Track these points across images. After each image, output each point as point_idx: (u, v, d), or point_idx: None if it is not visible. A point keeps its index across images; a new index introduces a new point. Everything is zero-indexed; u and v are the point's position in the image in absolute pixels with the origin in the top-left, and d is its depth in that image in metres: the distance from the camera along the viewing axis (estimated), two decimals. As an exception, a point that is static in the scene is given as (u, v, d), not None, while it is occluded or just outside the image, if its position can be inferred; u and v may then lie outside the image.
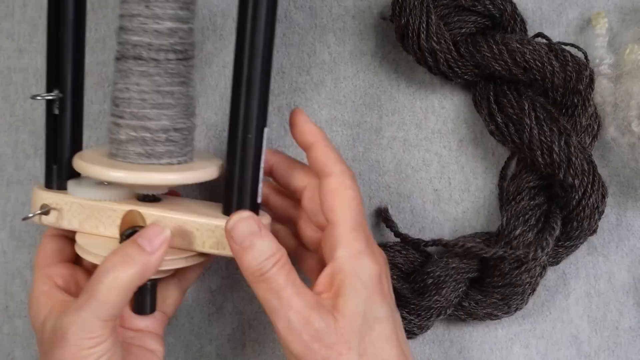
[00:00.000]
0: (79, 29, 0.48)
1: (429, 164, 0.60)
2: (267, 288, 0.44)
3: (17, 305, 0.59)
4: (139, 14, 0.45)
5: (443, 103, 0.61)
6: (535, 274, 0.55)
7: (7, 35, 0.60)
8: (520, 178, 0.57)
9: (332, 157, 0.48)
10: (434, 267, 0.55)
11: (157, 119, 0.46)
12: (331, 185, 0.47)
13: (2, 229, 0.59)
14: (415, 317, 0.55)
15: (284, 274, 0.44)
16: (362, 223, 0.47)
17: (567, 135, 0.54)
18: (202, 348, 0.59)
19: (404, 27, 0.56)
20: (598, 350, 0.59)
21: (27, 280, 0.59)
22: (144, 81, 0.46)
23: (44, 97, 0.48)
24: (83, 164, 0.47)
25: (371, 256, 0.46)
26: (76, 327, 0.43)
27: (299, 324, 0.43)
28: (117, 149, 0.48)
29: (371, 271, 0.45)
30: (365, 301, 0.44)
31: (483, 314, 0.56)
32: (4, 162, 0.60)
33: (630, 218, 0.60)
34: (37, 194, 0.49)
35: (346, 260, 0.45)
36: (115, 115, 0.47)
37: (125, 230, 0.47)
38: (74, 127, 0.50)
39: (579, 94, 0.55)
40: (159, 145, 0.47)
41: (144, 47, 0.45)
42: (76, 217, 0.48)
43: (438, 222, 0.60)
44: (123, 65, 0.46)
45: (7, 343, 0.58)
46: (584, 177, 0.54)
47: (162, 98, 0.46)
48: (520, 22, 0.58)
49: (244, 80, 0.46)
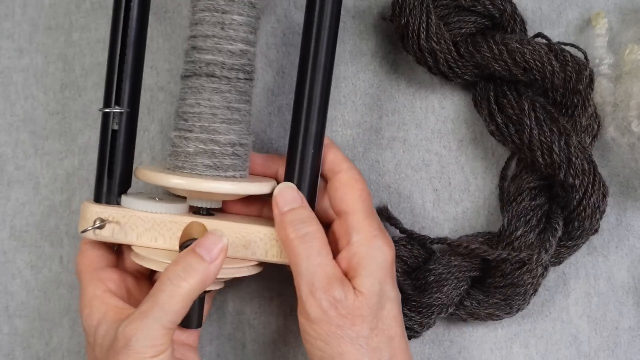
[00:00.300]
0: (140, 48, 0.51)
1: (428, 164, 0.60)
2: (299, 251, 0.48)
3: (17, 305, 0.59)
4: (213, 35, 0.49)
5: (443, 103, 0.61)
6: (537, 274, 0.55)
7: (7, 35, 0.60)
8: (521, 179, 0.57)
9: (340, 157, 0.52)
10: (436, 264, 0.55)
11: (226, 133, 0.49)
12: (342, 179, 0.50)
13: (2, 229, 0.59)
14: (416, 314, 0.55)
15: (319, 242, 0.48)
16: (373, 212, 0.50)
17: (567, 136, 0.54)
18: (202, 348, 0.59)
19: (403, 28, 0.56)
20: (598, 350, 0.59)
21: (27, 280, 0.59)
22: (216, 97, 0.49)
23: (112, 111, 0.50)
24: (155, 174, 0.49)
25: (385, 239, 0.49)
26: (140, 335, 0.44)
27: (321, 290, 0.47)
28: (183, 162, 0.50)
29: (385, 253, 0.49)
30: (380, 281, 0.48)
31: (485, 314, 0.56)
32: (4, 162, 0.60)
33: (630, 218, 0.60)
34: (89, 208, 0.50)
35: (362, 244, 0.48)
36: (183, 129, 0.50)
37: (185, 242, 0.48)
38: (129, 142, 0.52)
39: (578, 94, 0.55)
40: (226, 158, 0.50)
41: (218, 66, 0.49)
42: (134, 231, 0.50)
43: (438, 222, 0.60)
44: (194, 82, 0.50)
45: (7, 343, 0.58)
46: (584, 177, 0.54)
47: (231, 114, 0.50)
48: (520, 22, 0.58)
49: (304, 103, 0.50)
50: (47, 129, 0.60)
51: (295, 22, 0.61)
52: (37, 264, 0.59)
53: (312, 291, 0.47)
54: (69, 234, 0.59)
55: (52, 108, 0.60)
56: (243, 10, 0.49)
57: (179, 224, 0.50)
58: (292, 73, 0.60)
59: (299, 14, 0.61)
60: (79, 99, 0.60)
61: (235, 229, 0.50)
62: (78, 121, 0.60)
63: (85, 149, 0.60)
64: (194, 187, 0.48)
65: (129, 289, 0.51)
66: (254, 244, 0.50)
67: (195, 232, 0.49)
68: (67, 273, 0.59)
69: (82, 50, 0.61)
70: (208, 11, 0.49)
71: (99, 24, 0.61)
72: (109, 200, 0.51)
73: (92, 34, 0.61)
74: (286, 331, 0.59)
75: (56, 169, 0.60)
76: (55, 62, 0.60)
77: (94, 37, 0.60)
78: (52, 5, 0.61)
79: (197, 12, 0.50)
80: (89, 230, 0.49)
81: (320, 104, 0.51)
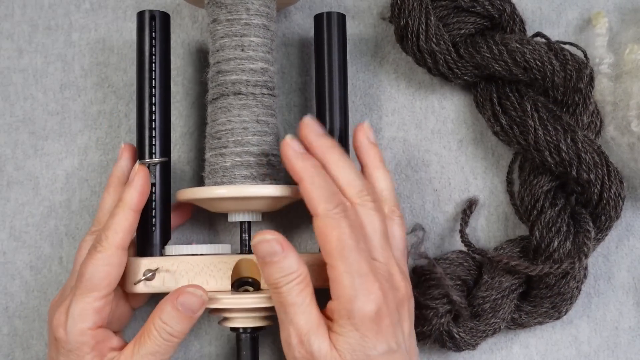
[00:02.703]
0: (166, 108, 0.54)
1: (428, 164, 0.60)
2: (279, 301, 0.47)
3: (16, 306, 0.59)
4: (235, 57, 0.53)
5: (443, 103, 0.61)
6: (581, 277, 0.55)
7: (7, 35, 0.60)
8: (531, 184, 0.56)
9: (315, 194, 0.47)
10: (489, 290, 0.55)
11: (259, 144, 0.52)
12: (316, 227, 0.47)
13: (2, 229, 0.59)
14: (470, 337, 0.55)
15: (297, 291, 0.46)
16: (353, 263, 0.46)
17: (572, 132, 0.54)
18: (202, 348, 0.59)
19: (403, 29, 0.56)
20: (598, 350, 0.59)
21: (26, 280, 0.59)
22: (245, 112, 0.52)
23: (152, 163, 0.53)
24: (198, 190, 0.52)
25: (364, 298, 0.46)
26: None
27: (295, 340, 0.46)
28: (222, 177, 0.52)
29: (362, 314, 0.46)
30: (356, 341, 0.46)
31: (534, 323, 0.56)
32: (4, 162, 0.60)
33: (630, 218, 0.60)
34: (136, 262, 0.51)
35: (340, 302, 0.46)
36: (217, 147, 0.53)
37: (235, 280, 0.50)
38: (166, 192, 0.54)
39: (579, 92, 0.55)
40: (262, 168, 0.52)
41: (243, 84, 0.53)
42: (184, 277, 0.51)
43: (438, 222, 0.60)
44: (223, 103, 0.53)
45: (7, 343, 0.58)
46: (597, 170, 0.53)
47: (260, 127, 0.53)
48: (519, 23, 0.58)
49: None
50: (47, 130, 0.60)
51: (294, 22, 0.61)
52: (36, 264, 0.59)
53: (288, 342, 0.46)
54: (69, 234, 0.59)
55: (51, 108, 0.60)
56: (259, 33, 0.53)
57: (228, 263, 0.51)
58: (292, 73, 0.60)
59: (299, 14, 0.61)
60: (79, 99, 0.60)
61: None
62: (78, 121, 0.60)
63: (85, 149, 0.60)
64: (237, 193, 0.51)
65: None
66: (321, 269, 0.50)
67: (245, 270, 0.51)
68: (67, 273, 0.59)
69: (82, 50, 0.60)
70: (228, 37, 0.53)
71: (98, 24, 0.61)
72: (152, 252, 0.53)
73: (92, 34, 0.61)
74: (286, 331, 0.59)
75: (56, 169, 0.59)
76: (54, 63, 0.60)
77: (94, 37, 0.60)
78: (52, 6, 0.61)
79: (217, 40, 0.54)
80: (139, 283, 0.51)
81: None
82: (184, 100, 0.59)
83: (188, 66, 0.60)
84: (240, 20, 0.53)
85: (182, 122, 0.59)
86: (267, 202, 0.52)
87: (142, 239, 0.53)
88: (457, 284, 0.56)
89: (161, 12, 0.54)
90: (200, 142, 0.60)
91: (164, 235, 0.53)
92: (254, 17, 0.53)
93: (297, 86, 0.61)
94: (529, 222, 0.56)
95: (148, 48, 0.54)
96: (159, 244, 0.53)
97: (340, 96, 0.54)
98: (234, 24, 0.53)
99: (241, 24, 0.53)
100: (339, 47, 0.55)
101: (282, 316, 0.47)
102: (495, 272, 0.55)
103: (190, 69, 0.60)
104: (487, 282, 0.55)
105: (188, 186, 0.59)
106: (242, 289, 0.51)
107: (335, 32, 0.55)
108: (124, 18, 0.61)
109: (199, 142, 0.60)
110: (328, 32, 0.55)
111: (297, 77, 0.61)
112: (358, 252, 0.46)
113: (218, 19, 0.53)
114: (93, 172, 0.59)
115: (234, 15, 0.53)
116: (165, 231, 0.53)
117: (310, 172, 0.48)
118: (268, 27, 0.54)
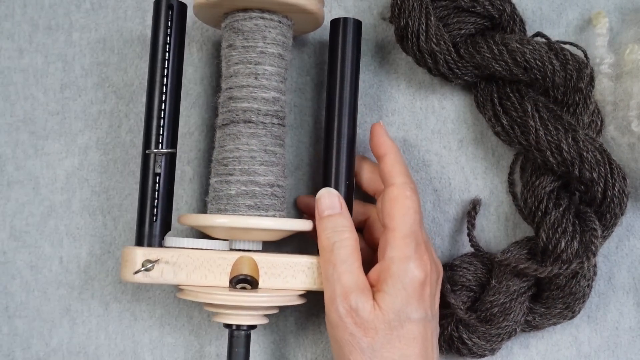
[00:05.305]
0: (177, 99, 0.54)
1: (429, 164, 0.60)
2: (328, 257, 0.50)
3: (17, 306, 0.59)
4: (248, 85, 0.53)
5: (443, 103, 0.61)
6: (591, 275, 0.55)
7: (7, 35, 0.60)
8: (534, 185, 0.56)
9: (397, 169, 0.53)
10: (497, 294, 0.55)
11: (265, 174, 0.52)
12: (392, 193, 0.51)
13: (2, 229, 0.59)
14: (485, 342, 0.55)
15: (347, 251, 0.50)
16: (415, 231, 0.51)
17: (573, 131, 0.54)
18: (202, 348, 0.59)
19: (403, 29, 0.56)
20: (598, 350, 0.59)
21: (26, 280, 0.59)
22: (254, 141, 0.52)
23: (159, 152, 0.53)
24: (199, 216, 0.52)
25: (418, 262, 0.50)
26: None
27: (340, 296, 0.49)
28: (225, 204, 0.52)
29: (413, 276, 0.49)
30: (401, 301, 0.49)
31: (549, 324, 0.56)
32: (4, 162, 0.60)
33: (630, 218, 0.60)
34: (133, 252, 0.51)
35: (393, 262, 0.50)
36: (223, 174, 0.53)
37: (235, 277, 0.51)
38: (170, 184, 0.54)
39: (580, 92, 0.55)
40: (266, 199, 0.52)
41: (254, 112, 0.52)
42: (183, 270, 0.51)
43: (438, 223, 0.60)
44: (232, 130, 0.53)
45: (7, 343, 0.58)
46: (600, 168, 0.53)
47: (268, 156, 0.53)
48: (519, 23, 0.58)
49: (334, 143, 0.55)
50: (47, 129, 0.60)
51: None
52: (37, 264, 0.59)
53: (333, 297, 0.49)
54: (69, 234, 0.59)
55: (52, 108, 0.60)
56: (274, 62, 0.53)
57: (228, 259, 0.51)
58: (291, 73, 0.60)
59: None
60: (79, 99, 0.60)
61: (284, 260, 0.52)
62: (78, 121, 0.60)
63: (85, 149, 0.60)
64: (239, 224, 0.50)
65: None
66: (302, 273, 0.52)
67: (245, 267, 0.51)
68: (67, 273, 0.59)
69: (82, 50, 0.61)
70: (242, 64, 0.53)
71: (99, 24, 0.61)
72: (151, 243, 0.52)
73: (92, 34, 0.61)
74: (286, 331, 0.59)
75: (56, 169, 0.60)
76: (55, 62, 0.60)
77: (94, 37, 0.60)
78: (52, 5, 0.61)
79: (231, 65, 0.53)
80: (138, 273, 0.51)
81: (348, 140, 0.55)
82: (184, 100, 0.59)
83: (188, 66, 0.60)
84: (256, 48, 0.53)
85: (182, 122, 0.59)
86: (269, 233, 0.52)
87: (141, 229, 0.53)
88: (466, 289, 0.56)
89: (179, 2, 0.54)
90: (200, 142, 0.60)
91: (165, 226, 0.53)
92: (270, 45, 0.53)
93: (297, 86, 0.61)
94: (533, 223, 0.56)
95: (162, 37, 0.53)
96: (158, 234, 0.53)
97: (351, 102, 0.54)
98: (249, 51, 0.53)
99: (257, 52, 0.53)
100: (352, 53, 0.55)
101: (329, 273, 0.50)
102: (503, 276, 0.55)
103: (191, 69, 0.60)
104: (495, 287, 0.55)
105: (188, 185, 0.59)
106: (240, 286, 0.51)
107: (350, 39, 0.55)
108: (124, 18, 0.61)
109: (199, 142, 0.60)
110: (343, 38, 0.55)
111: (297, 77, 0.61)
112: (419, 223, 0.51)
113: (234, 44, 0.53)
114: (93, 172, 0.60)
115: (250, 43, 0.53)
116: (166, 222, 0.53)
117: (395, 149, 0.54)
118: (283, 57, 0.54)
